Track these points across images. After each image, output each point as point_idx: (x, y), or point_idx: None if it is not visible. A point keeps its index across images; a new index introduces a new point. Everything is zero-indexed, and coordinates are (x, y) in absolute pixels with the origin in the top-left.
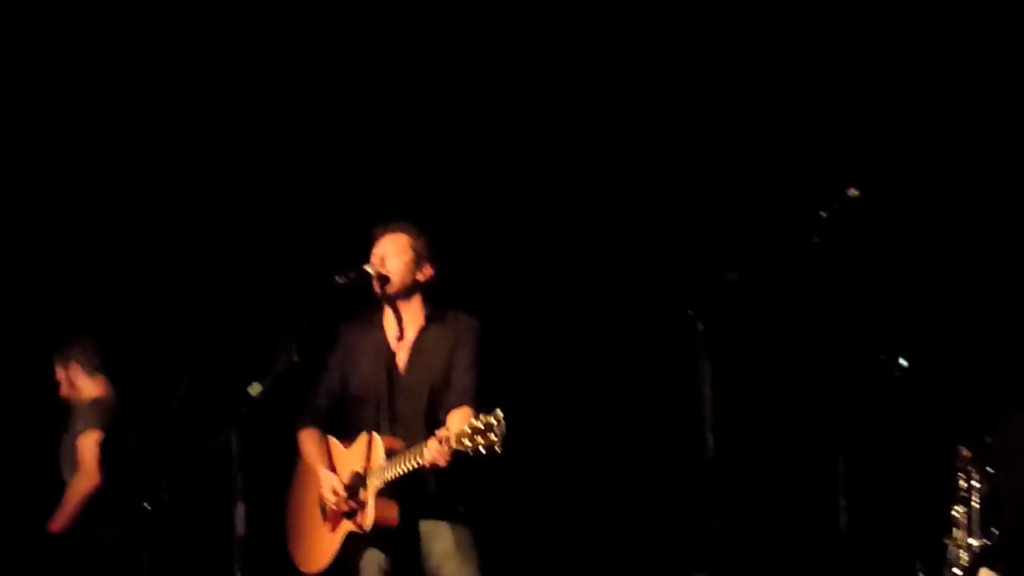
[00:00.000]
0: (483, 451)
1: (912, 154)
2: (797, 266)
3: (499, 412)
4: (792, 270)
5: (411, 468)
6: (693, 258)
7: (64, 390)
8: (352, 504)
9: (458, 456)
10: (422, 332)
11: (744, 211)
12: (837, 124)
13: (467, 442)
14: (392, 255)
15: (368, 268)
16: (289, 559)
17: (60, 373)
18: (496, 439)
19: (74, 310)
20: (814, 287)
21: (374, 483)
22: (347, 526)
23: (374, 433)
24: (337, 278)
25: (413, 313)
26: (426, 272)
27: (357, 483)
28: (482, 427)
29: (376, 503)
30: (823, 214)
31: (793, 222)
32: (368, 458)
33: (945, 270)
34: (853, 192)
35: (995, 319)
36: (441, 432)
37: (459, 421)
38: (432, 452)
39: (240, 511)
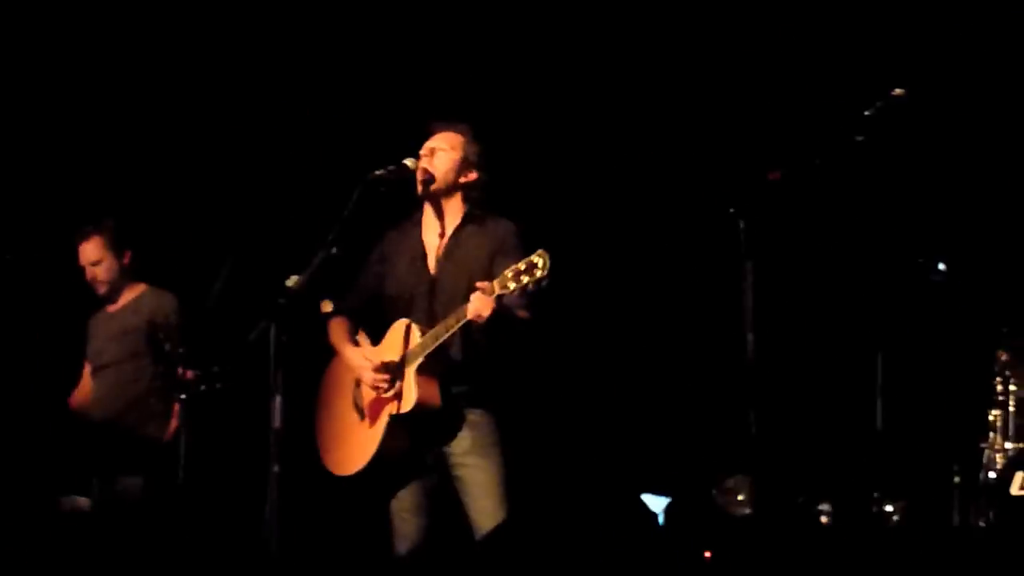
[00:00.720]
0: (531, 287)
1: (956, 55)
2: (840, 165)
3: (541, 251)
4: (835, 169)
5: (452, 328)
6: (735, 156)
7: (107, 274)
8: (390, 387)
9: (504, 302)
10: (458, 231)
11: (787, 109)
12: (881, 23)
13: (511, 284)
14: (442, 150)
15: (408, 162)
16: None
17: (104, 254)
18: (542, 273)
19: (105, 199)
20: (857, 187)
21: (414, 363)
22: (389, 410)
23: (410, 321)
24: (377, 171)
25: (453, 214)
26: (470, 175)
27: (394, 369)
28: (524, 267)
29: (417, 380)
30: (867, 113)
31: (837, 121)
32: (405, 344)
33: (988, 173)
34: (898, 92)
35: None
36: (482, 284)
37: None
38: (475, 302)
39: (277, 404)
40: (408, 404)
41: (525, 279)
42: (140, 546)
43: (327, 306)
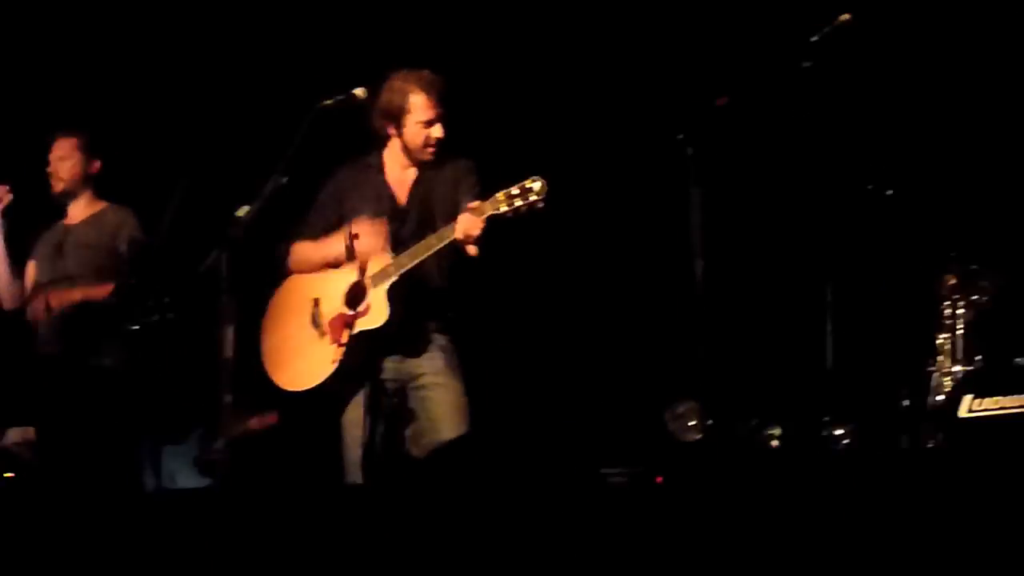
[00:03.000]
0: (525, 210)
1: None
2: (787, 91)
3: (538, 177)
4: (782, 95)
5: (434, 247)
6: (683, 82)
7: (69, 173)
8: (359, 303)
9: (496, 220)
10: (421, 173)
11: (735, 35)
12: None
13: (503, 206)
14: (416, 113)
15: (358, 92)
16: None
17: (73, 153)
18: (538, 197)
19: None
20: (804, 112)
21: (387, 280)
22: (357, 325)
23: None
24: (326, 101)
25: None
26: (438, 132)
27: (359, 291)
28: (518, 191)
29: (389, 297)
30: (814, 39)
31: (784, 46)
32: (367, 268)
33: (934, 97)
34: (844, 17)
35: (984, 149)
36: (472, 204)
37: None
38: (464, 222)
39: (228, 334)
40: (379, 319)
41: (518, 202)
42: (84, 478)
43: (244, 211)
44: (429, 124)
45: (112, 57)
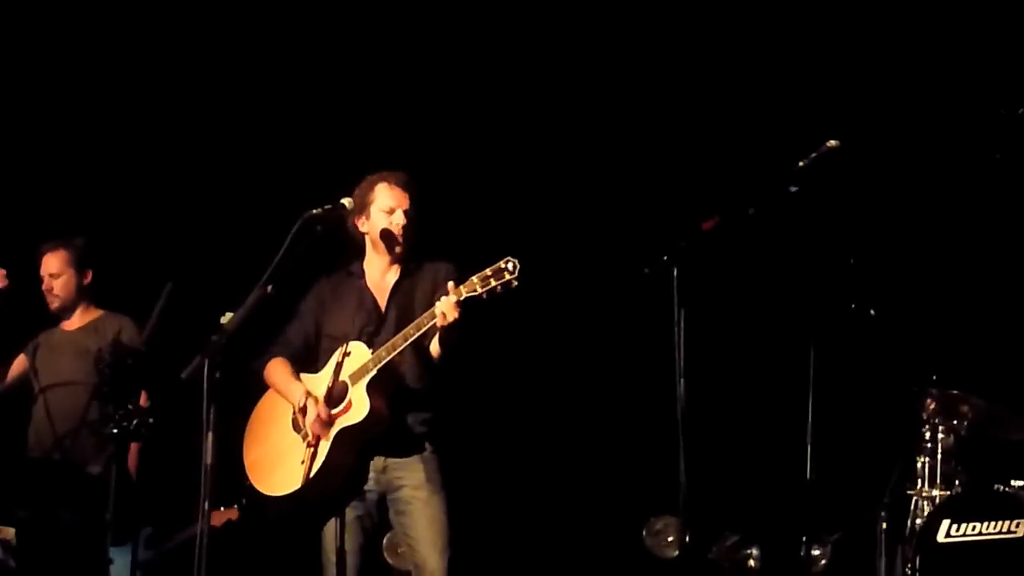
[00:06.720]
0: (500, 290)
1: (888, 109)
2: (774, 215)
3: (510, 257)
4: (769, 218)
5: (412, 336)
6: (670, 205)
7: (63, 289)
8: (339, 405)
9: (472, 302)
10: (402, 276)
11: (722, 159)
12: (817, 74)
13: (479, 287)
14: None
15: (345, 202)
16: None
17: (65, 269)
18: (511, 276)
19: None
20: (790, 236)
21: (365, 376)
22: (339, 423)
23: (349, 342)
24: (313, 210)
25: (398, 259)
26: (399, 219)
27: (339, 390)
28: (491, 272)
29: (369, 393)
30: (801, 164)
31: (771, 171)
32: (342, 365)
33: (919, 222)
34: (832, 143)
35: (967, 273)
36: (449, 288)
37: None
38: (443, 305)
39: (209, 441)
40: (360, 414)
41: (493, 282)
42: None
43: (227, 319)
44: (391, 211)
45: (101, 161)
